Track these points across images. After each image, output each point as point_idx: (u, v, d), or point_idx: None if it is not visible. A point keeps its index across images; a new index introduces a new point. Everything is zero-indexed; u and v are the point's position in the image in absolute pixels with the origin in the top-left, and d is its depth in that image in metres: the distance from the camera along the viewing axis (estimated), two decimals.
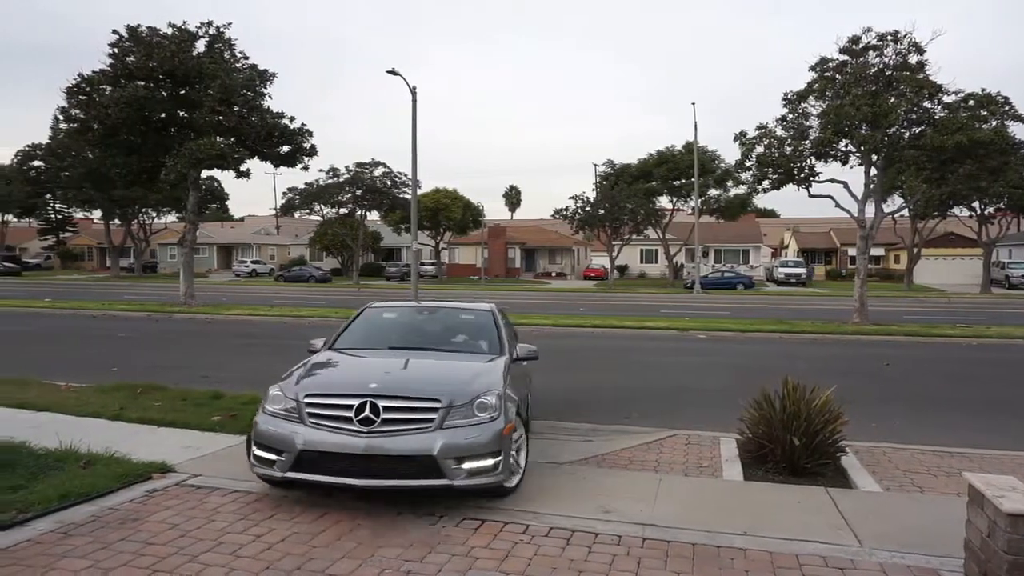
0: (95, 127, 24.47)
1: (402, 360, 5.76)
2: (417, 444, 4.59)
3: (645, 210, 45.58)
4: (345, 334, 6.47)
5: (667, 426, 7.52)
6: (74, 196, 53.95)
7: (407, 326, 6.86)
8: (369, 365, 5.79)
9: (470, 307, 7.19)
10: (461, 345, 6.29)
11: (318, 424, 4.72)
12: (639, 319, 20.90)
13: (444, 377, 5.33)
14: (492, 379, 5.23)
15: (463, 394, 4.86)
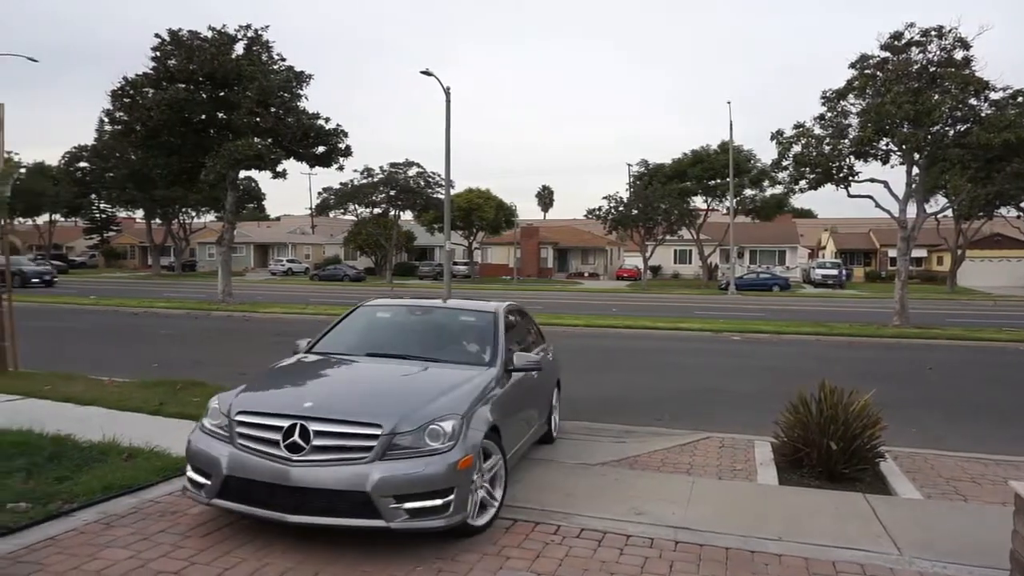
0: (138, 129, 25.09)
1: (365, 371, 5.14)
2: (349, 477, 3.89)
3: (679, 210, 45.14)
4: (328, 336, 5.87)
5: (700, 428, 7.44)
6: (118, 196, 55.40)
7: (396, 328, 6.10)
8: (320, 378, 5.10)
9: (473, 308, 6.26)
10: (449, 352, 5.50)
11: (246, 447, 4.12)
12: (672, 320, 20.71)
13: (397, 395, 4.55)
14: (457, 399, 4.43)
15: (411, 418, 4.12)
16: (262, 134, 25.24)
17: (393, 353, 5.38)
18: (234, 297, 26.32)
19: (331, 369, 5.29)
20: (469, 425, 4.26)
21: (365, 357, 5.37)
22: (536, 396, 5.98)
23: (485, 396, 4.67)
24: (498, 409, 4.72)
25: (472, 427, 4.28)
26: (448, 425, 4.15)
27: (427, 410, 4.23)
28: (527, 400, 5.66)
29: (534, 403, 5.93)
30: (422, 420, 4.13)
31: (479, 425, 4.35)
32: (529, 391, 5.71)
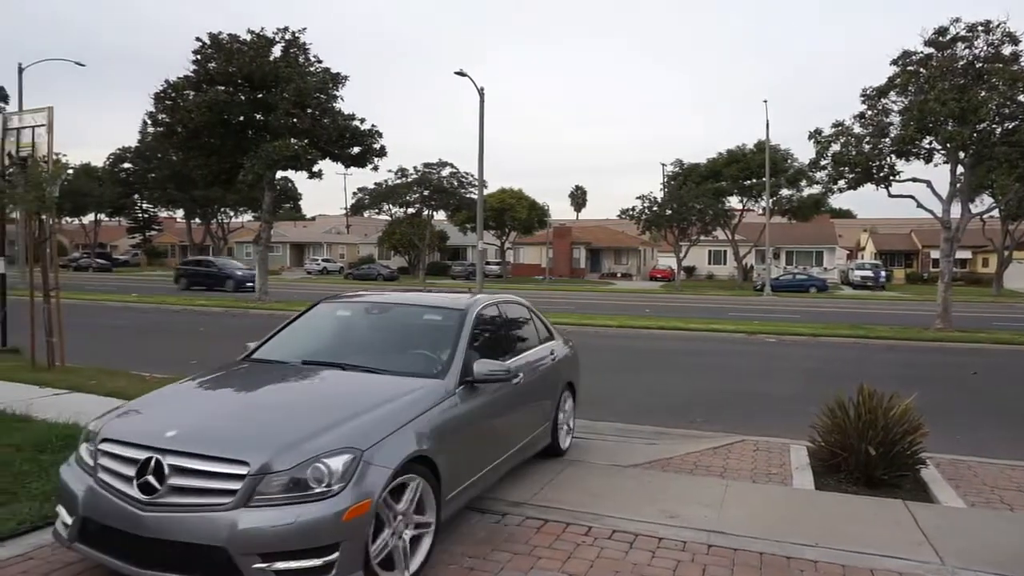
0: (179, 130, 25.67)
1: (278, 385, 4.39)
2: (204, 528, 3.16)
3: (714, 210, 44.65)
4: (275, 338, 5.17)
5: (734, 431, 7.34)
6: (159, 196, 56.75)
7: (347, 330, 5.30)
8: (215, 395, 4.30)
9: (441, 304, 5.27)
10: (396, 360, 4.63)
11: (104, 483, 3.45)
12: (706, 321, 20.48)
13: (286, 421, 3.68)
14: (365, 426, 3.58)
15: (290, 453, 3.29)
16: (299, 135, 25.62)
17: (330, 361, 4.57)
18: (271, 295, 26.76)
19: (239, 383, 4.47)
20: (373, 461, 3.39)
21: (300, 366, 4.58)
22: (527, 406, 5.26)
23: (418, 418, 3.84)
24: (440, 432, 3.93)
25: (378, 462, 3.41)
26: (336, 463, 3.30)
27: (315, 443, 3.38)
28: (508, 413, 4.90)
29: (522, 415, 5.18)
30: (304, 456, 3.29)
31: (391, 458, 3.48)
32: (513, 402, 4.96)
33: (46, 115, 10.09)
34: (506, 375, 4.57)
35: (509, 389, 4.86)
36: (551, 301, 30.84)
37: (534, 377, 5.41)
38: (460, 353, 4.55)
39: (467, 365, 4.45)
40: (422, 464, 3.72)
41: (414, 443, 3.68)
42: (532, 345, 5.78)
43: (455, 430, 4.11)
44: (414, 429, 3.76)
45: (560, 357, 6.18)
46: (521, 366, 5.17)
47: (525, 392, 5.17)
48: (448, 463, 3.92)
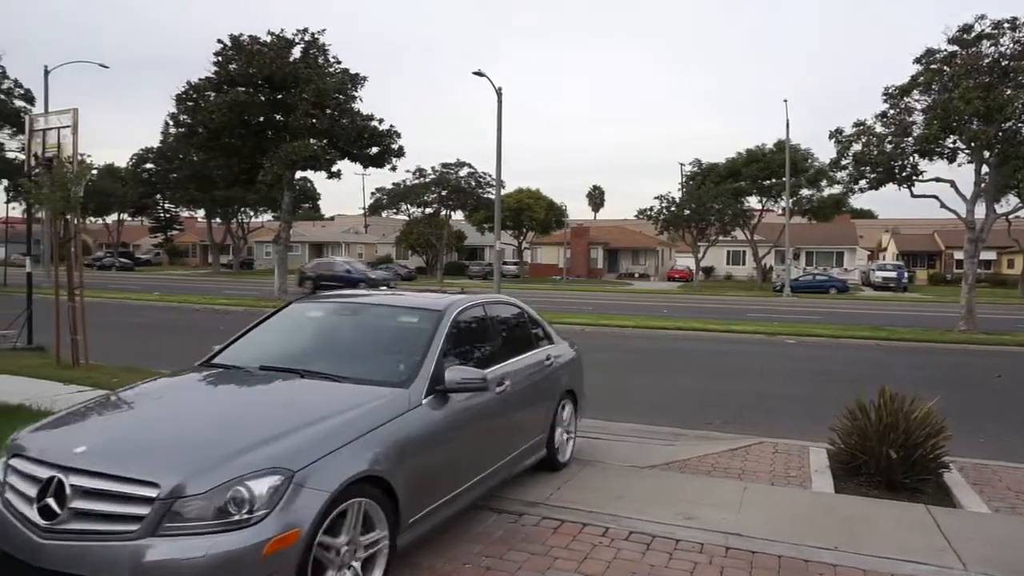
0: (200, 131, 26.00)
1: (219, 394, 4.07)
2: (105, 561, 2.77)
3: (733, 210, 44.36)
4: (239, 341, 4.79)
5: (753, 433, 7.29)
6: (180, 196, 57.45)
7: (315, 333, 4.91)
8: (146, 406, 3.90)
9: (417, 305, 4.83)
10: (361, 366, 4.22)
11: (9, 504, 3.12)
12: (725, 322, 20.35)
13: (207, 437, 3.28)
14: (302, 442, 3.16)
15: (207, 474, 2.88)
16: (318, 135, 25.83)
17: (289, 367, 4.15)
18: (290, 294, 26.98)
19: (181, 391, 4.13)
20: (306, 483, 2.97)
21: (255, 373, 4.19)
22: (515, 416, 4.84)
23: (371, 432, 3.42)
24: (400, 448, 3.51)
25: (313, 485, 2.98)
26: (260, 485, 2.88)
27: (239, 461, 2.96)
28: (491, 424, 4.48)
29: (509, 426, 4.75)
30: (223, 477, 2.87)
31: (330, 480, 3.04)
32: (498, 412, 4.54)
33: (71, 116, 10.26)
34: (482, 383, 4.07)
35: (492, 398, 4.45)
36: (568, 301, 30.78)
37: (525, 384, 5.00)
38: (431, 359, 4.10)
39: (439, 372, 4.02)
40: (373, 486, 3.28)
41: (363, 462, 3.26)
42: (524, 349, 5.34)
43: (421, 445, 3.70)
44: (365, 445, 3.34)
45: (558, 362, 5.75)
46: (508, 373, 4.77)
47: (513, 401, 4.76)
48: (409, 483, 3.51)
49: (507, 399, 4.66)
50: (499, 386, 4.55)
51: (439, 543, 4.18)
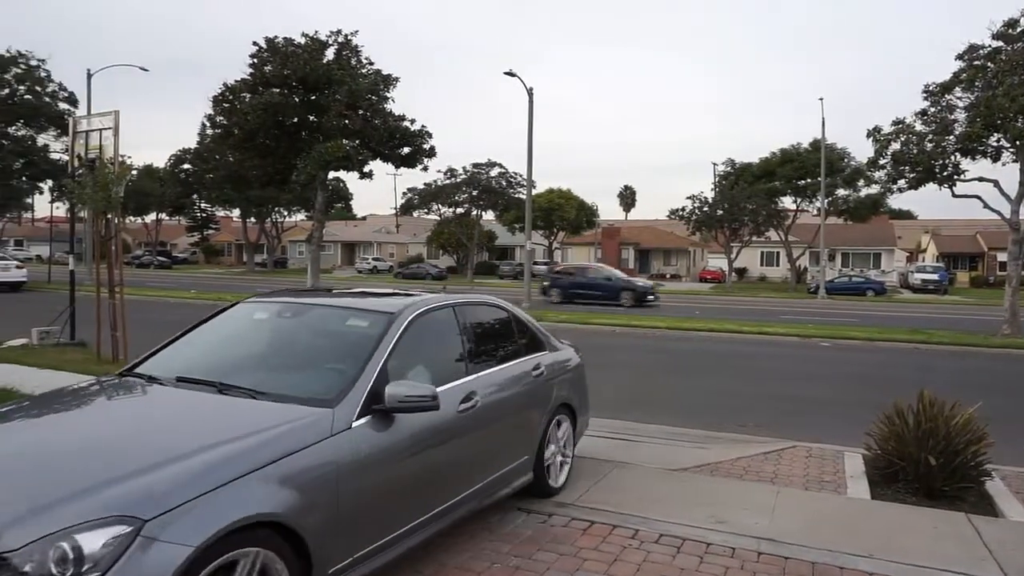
0: (236, 132, 26.42)
1: (100, 414, 3.55)
2: None
3: (766, 211, 43.76)
4: (172, 344, 4.30)
5: (786, 436, 7.17)
6: (216, 196, 58.56)
7: (252, 338, 4.38)
8: (13, 430, 3.29)
9: (368, 308, 4.20)
10: (288, 379, 3.73)
11: None
12: (758, 324, 20.07)
13: (44, 475, 2.66)
14: (154, 484, 2.51)
15: (27, 525, 2.31)
16: (350, 136, 26.08)
17: (208, 380, 3.57)
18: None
19: (64, 409, 3.60)
20: (161, 535, 2.35)
21: (166, 386, 3.65)
22: (489, 437, 4.23)
23: (270, 465, 2.79)
24: (314, 483, 2.92)
25: (172, 537, 2.36)
26: (92, 540, 2.27)
27: (72, 508, 2.36)
28: (454, 448, 3.87)
29: (479, 450, 4.14)
30: (47, 528, 2.28)
31: (198, 530, 2.41)
32: (463, 433, 3.95)
33: (112, 118, 10.51)
34: (430, 401, 3.40)
35: (454, 417, 3.85)
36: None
37: (503, 399, 4.40)
38: (370, 373, 3.46)
39: (380, 389, 3.39)
40: (273, 532, 2.69)
41: (253, 503, 2.64)
42: (506, 359, 4.72)
43: (348, 478, 3.08)
44: (260, 481, 2.72)
45: (551, 373, 5.08)
46: (480, 386, 4.16)
47: (485, 419, 4.14)
48: (329, 527, 2.93)
49: (477, 417, 4.03)
50: (465, 402, 3.95)
51: (466, 541, 4.19)
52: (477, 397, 4.08)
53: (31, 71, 36.51)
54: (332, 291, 5.09)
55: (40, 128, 37.44)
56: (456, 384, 4.02)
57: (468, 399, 4.01)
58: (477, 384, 4.18)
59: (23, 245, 74.52)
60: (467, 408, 3.97)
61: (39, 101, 36.69)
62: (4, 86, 36.02)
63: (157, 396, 3.61)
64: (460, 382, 4.08)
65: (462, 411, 3.93)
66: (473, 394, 4.07)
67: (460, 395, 3.97)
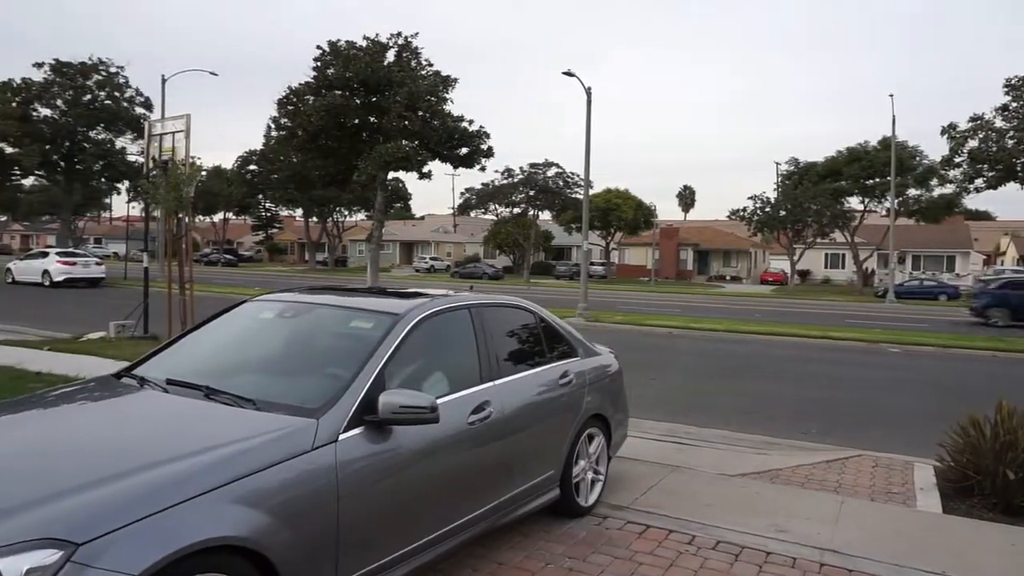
0: (299, 134, 27.15)
1: (76, 418, 3.30)
2: None
3: (832, 211, 42.40)
4: (174, 344, 4.17)
5: (851, 445, 6.93)
6: (280, 196, 60.30)
7: (250, 339, 4.17)
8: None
9: (373, 309, 3.88)
10: (278, 385, 3.46)
11: None
12: (821, 328, 19.46)
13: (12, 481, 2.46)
14: (97, 502, 2.27)
15: None
16: (410, 137, 26.48)
17: (196, 383, 3.32)
18: None
19: (41, 413, 3.37)
20: (97, 561, 2.10)
21: (152, 388, 3.44)
22: (507, 451, 3.89)
23: (239, 481, 2.54)
24: (288, 504, 2.66)
25: (108, 564, 2.11)
26: (15, 565, 2.04)
27: (9, 523, 2.14)
28: (459, 464, 3.56)
29: (494, 465, 3.81)
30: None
31: (140, 555, 2.16)
32: (476, 446, 3.65)
33: (184, 122, 10.94)
34: (428, 413, 3.08)
35: (464, 429, 3.56)
36: (656, 303, 30.27)
37: (523, 409, 4.06)
38: (363, 379, 3.17)
39: (372, 397, 3.10)
40: (238, 557, 2.44)
41: (213, 524, 2.39)
42: (529, 365, 4.38)
43: (330, 496, 2.81)
44: (224, 499, 2.47)
45: (582, 381, 4.70)
46: (495, 395, 3.83)
47: (501, 431, 3.82)
48: (304, 551, 2.67)
49: (491, 429, 3.73)
50: (476, 413, 3.64)
51: (521, 540, 4.19)
52: (491, 407, 3.75)
53: (111, 78, 38.39)
54: (350, 290, 4.81)
55: (118, 132, 39.37)
56: (467, 393, 3.70)
57: (480, 409, 3.68)
58: (492, 393, 3.84)
59: (102, 243, 78.39)
60: (479, 419, 3.66)
61: (118, 106, 38.57)
62: (86, 92, 37.98)
63: (137, 401, 3.39)
64: (472, 391, 3.74)
65: (472, 423, 3.61)
66: (487, 404, 3.74)
67: (471, 405, 3.65)
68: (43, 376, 8.14)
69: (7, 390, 6.93)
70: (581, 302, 21.53)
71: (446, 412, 3.26)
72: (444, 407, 3.23)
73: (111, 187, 45.03)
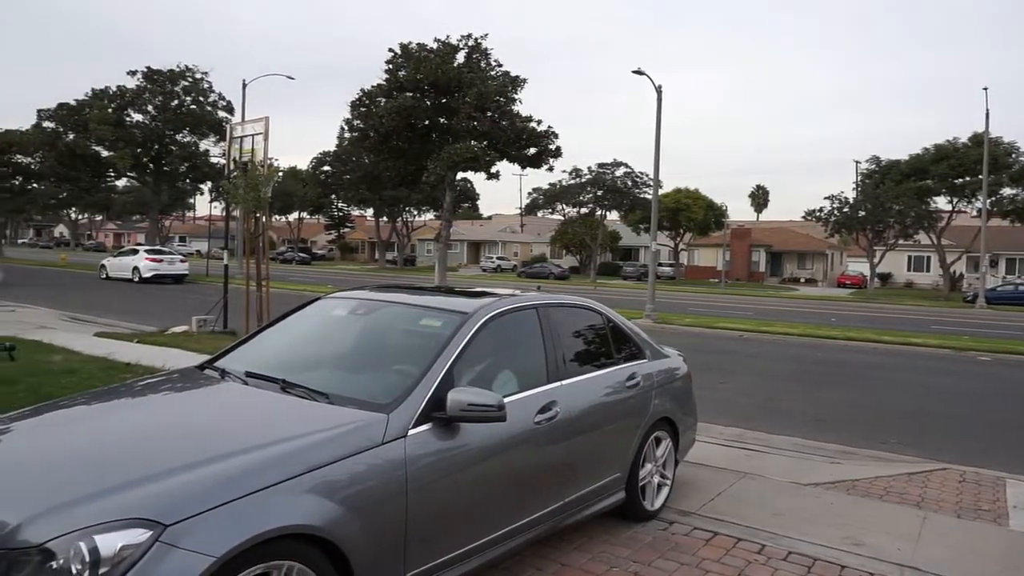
0: (371, 135, 27.80)
1: (152, 408, 3.48)
2: None
3: (916, 211, 40.40)
4: (255, 338, 4.29)
5: (935, 457, 6.59)
6: (352, 196, 61.80)
7: (325, 334, 4.28)
8: (67, 420, 3.23)
9: (442, 307, 3.90)
10: (350, 380, 3.58)
11: None
12: (903, 334, 18.58)
13: (89, 465, 2.62)
14: (180, 488, 2.38)
15: (50, 520, 2.23)
16: (478, 137, 26.73)
17: (272, 376, 3.44)
18: None
19: (128, 400, 3.57)
20: (181, 542, 2.21)
21: (232, 380, 3.58)
22: (569, 453, 3.84)
23: (312, 472, 2.63)
24: (360, 494, 2.73)
25: (193, 545, 2.21)
26: (110, 541, 2.15)
27: (92, 506, 2.26)
28: (525, 463, 3.56)
29: (555, 465, 3.77)
30: (69, 526, 2.19)
31: (221, 538, 2.27)
32: (537, 445, 3.61)
33: (263, 124, 11.35)
34: (494, 412, 3.08)
35: (530, 428, 3.56)
36: (726, 305, 29.58)
37: (590, 410, 4.04)
38: (432, 376, 3.21)
39: (441, 394, 3.14)
40: (309, 544, 2.53)
41: (287, 512, 2.49)
42: (596, 366, 4.37)
43: (399, 490, 2.87)
44: (298, 489, 2.56)
45: (650, 384, 4.65)
46: (562, 396, 3.81)
47: (568, 431, 3.81)
48: (374, 542, 2.74)
49: (557, 429, 3.72)
50: (543, 413, 3.64)
51: (585, 543, 4.17)
52: (558, 407, 3.74)
53: (196, 83, 40.30)
54: (419, 288, 4.85)
55: (202, 135, 41.30)
56: (534, 392, 3.69)
57: (547, 409, 3.67)
58: (559, 393, 3.82)
59: (185, 241, 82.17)
60: (545, 419, 3.64)
61: (202, 110, 40.47)
62: (173, 98, 39.97)
63: (219, 392, 3.55)
64: (539, 390, 3.74)
65: (539, 422, 3.61)
66: (553, 404, 3.72)
67: (537, 404, 3.64)
68: (132, 367, 8.60)
69: (100, 379, 7.38)
70: (649, 303, 21.24)
71: (513, 411, 3.27)
72: (511, 406, 3.24)
73: (195, 188, 47.28)
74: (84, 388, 6.15)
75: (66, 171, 40.37)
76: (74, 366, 8.47)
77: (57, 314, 15.83)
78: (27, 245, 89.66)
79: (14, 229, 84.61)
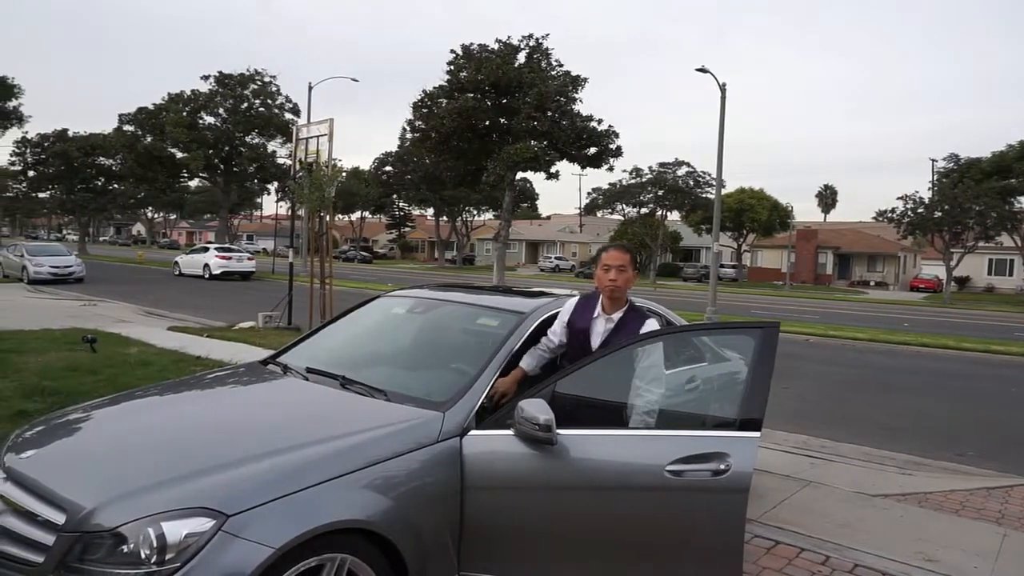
0: (432, 136, 28.12)
1: (216, 402, 3.57)
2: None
3: (999, 212, 38.34)
4: (314, 335, 4.36)
5: (1018, 472, 6.24)
6: (413, 196, 62.74)
7: (383, 332, 4.32)
8: (142, 409, 3.36)
9: (499, 307, 3.88)
10: (409, 378, 3.60)
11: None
12: (983, 341, 17.66)
13: (159, 455, 2.69)
14: (241, 480, 2.44)
15: (123, 506, 2.31)
16: (538, 137, 26.71)
17: (333, 373, 3.51)
18: None
19: (192, 394, 3.66)
20: (243, 532, 2.28)
21: (294, 377, 3.65)
22: None
23: (368, 468, 2.64)
24: (417, 493, 2.74)
25: (253, 536, 2.28)
26: (176, 529, 2.24)
27: (161, 494, 2.35)
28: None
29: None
30: (140, 512, 2.28)
31: (280, 530, 2.32)
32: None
33: (327, 126, 11.63)
34: (537, 432, 2.82)
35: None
36: (791, 308, 28.74)
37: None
38: (487, 376, 3.17)
39: (474, 396, 3.10)
40: (364, 539, 2.55)
41: (343, 507, 2.51)
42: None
43: (452, 490, 2.84)
44: (354, 484, 2.58)
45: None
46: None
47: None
48: (428, 540, 2.74)
49: None
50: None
51: None
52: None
53: (265, 87, 41.61)
54: (477, 287, 4.84)
55: (270, 136, 42.63)
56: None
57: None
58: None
59: (253, 239, 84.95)
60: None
61: (270, 112, 41.76)
62: (243, 101, 41.38)
63: (281, 387, 3.60)
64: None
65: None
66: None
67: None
68: (202, 360, 8.94)
69: (172, 372, 7.71)
70: (710, 305, 20.82)
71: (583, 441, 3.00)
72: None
73: (262, 188, 48.82)
74: (157, 379, 6.43)
75: (144, 172, 42.25)
76: (149, 358, 8.87)
77: (134, 308, 16.61)
78: (107, 243, 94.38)
79: (96, 227, 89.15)
